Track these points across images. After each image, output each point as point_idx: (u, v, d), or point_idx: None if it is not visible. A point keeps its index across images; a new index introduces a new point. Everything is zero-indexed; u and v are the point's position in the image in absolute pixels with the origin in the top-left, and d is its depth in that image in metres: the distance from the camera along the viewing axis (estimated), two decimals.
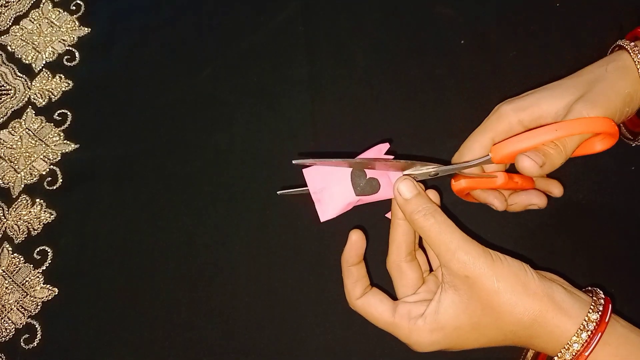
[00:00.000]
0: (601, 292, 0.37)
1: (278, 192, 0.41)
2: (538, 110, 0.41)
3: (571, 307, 0.35)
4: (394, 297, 0.41)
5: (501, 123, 0.42)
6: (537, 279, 0.36)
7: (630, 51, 0.42)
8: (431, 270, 0.43)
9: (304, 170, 0.39)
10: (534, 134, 0.39)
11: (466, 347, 0.38)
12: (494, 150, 0.40)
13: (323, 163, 0.38)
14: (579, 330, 0.34)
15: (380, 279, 0.43)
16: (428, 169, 0.40)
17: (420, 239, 0.43)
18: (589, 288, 0.38)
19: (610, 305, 0.35)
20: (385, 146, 0.40)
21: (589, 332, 0.34)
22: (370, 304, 0.40)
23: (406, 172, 0.40)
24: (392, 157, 0.40)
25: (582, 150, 0.42)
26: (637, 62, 0.41)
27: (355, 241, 0.39)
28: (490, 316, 0.35)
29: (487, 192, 0.45)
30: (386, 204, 0.41)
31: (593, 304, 0.35)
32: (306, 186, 0.39)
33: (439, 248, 0.36)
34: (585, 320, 0.34)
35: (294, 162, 0.36)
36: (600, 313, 0.34)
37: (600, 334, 0.34)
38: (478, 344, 0.37)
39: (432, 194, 0.40)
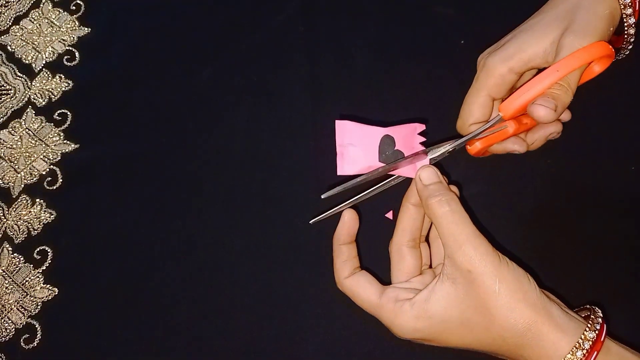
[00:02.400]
0: (599, 310, 0.36)
1: (311, 222, 0.41)
2: (525, 54, 0.41)
3: (566, 325, 0.34)
4: (386, 283, 0.41)
5: (492, 77, 0.42)
6: (538, 291, 0.35)
7: None
8: (431, 267, 0.43)
9: (337, 122, 0.39)
10: (538, 80, 0.39)
11: (449, 343, 0.37)
12: (503, 108, 0.40)
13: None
14: (574, 348, 0.33)
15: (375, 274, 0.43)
16: (445, 149, 0.40)
17: (428, 232, 0.43)
18: (587, 306, 0.38)
19: (604, 327, 0.35)
20: (421, 127, 0.41)
21: (585, 351, 0.33)
22: (358, 284, 0.39)
23: (429, 157, 0.40)
24: (422, 146, 0.40)
25: (583, 79, 0.42)
26: None
27: (348, 220, 0.40)
28: (483, 316, 0.35)
29: (504, 141, 0.45)
30: (387, 203, 0.41)
31: (590, 322, 0.35)
32: (334, 206, 0.40)
33: (448, 237, 0.36)
34: (582, 339, 0.33)
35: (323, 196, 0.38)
36: (596, 332, 0.34)
37: (596, 353, 0.33)
38: (462, 342, 0.36)
39: (452, 188, 0.40)
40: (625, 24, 0.42)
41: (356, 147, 0.39)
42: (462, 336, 0.36)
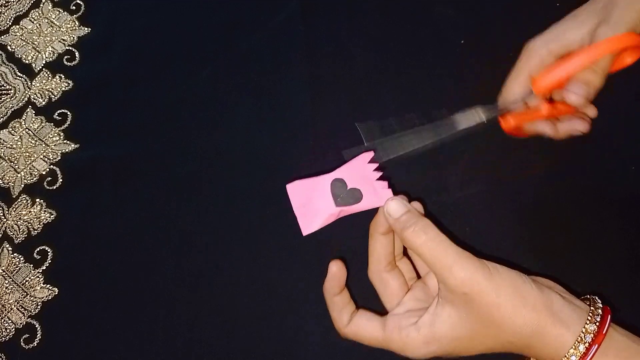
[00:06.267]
0: (599, 301, 0.36)
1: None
2: (565, 39, 0.45)
3: (569, 318, 0.35)
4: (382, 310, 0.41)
5: (533, 58, 0.46)
6: (536, 289, 0.35)
7: None
8: (419, 277, 0.43)
9: (288, 186, 0.39)
10: (570, 61, 0.43)
11: (463, 354, 0.38)
12: (535, 83, 0.43)
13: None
14: (576, 342, 0.34)
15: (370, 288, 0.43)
16: (479, 115, 0.43)
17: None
18: (587, 296, 0.37)
19: (609, 316, 0.35)
20: (369, 154, 0.40)
21: (586, 344, 0.33)
22: (359, 327, 0.39)
23: (458, 123, 0.43)
24: (378, 172, 0.40)
25: (615, 66, 0.45)
26: None
27: (336, 273, 0.40)
28: (489, 328, 0.35)
29: (535, 123, 0.47)
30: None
31: (590, 314, 0.35)
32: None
33: (434, 265, 0.36)
34: (583, 332, 0.34)
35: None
36: (597, 324, 0.34)
37: (597, 346, 0.33)
38: (475, 351, 0.37)
39: (417, 205, 0.40)
40: None
41: (311, 203, 0.39)
42: (473, 347, 0.37)
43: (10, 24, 0.61)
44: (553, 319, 0.34)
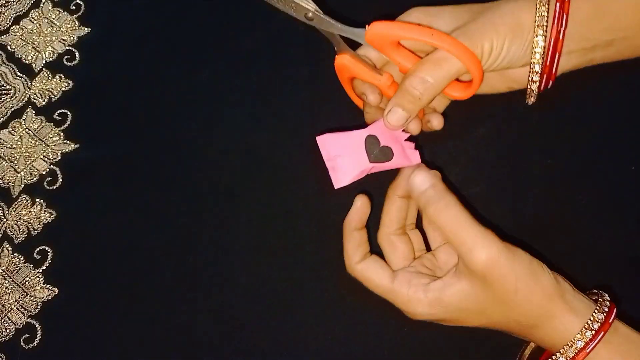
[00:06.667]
0: (607, 295, 0.38)
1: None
2: (436, 23, 0.42)
3: (578, 306, 0.36)
4: None
5: (407, 18, 0.44)
6: (552, 278, 0.36)
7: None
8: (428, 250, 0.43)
9: (318, 138, 0.39)
10: (413, 28, 0.40)
11: (463, 325, 0.38)
12: (370, 27, 0.41)
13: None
14: (584, 329, 0.35)
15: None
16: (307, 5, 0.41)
17: (418, 219, 0.43)
18: (595, 290, 0.38)
19: (614, 308, 0.36)
20: None
21: (593, 331, 0.34)
22: (369, 269, 0.40)
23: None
24: (407, 133, 0.41)
25: (450, 91, 0.42)
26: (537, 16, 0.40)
27: (360, 206, 0.40)
28: (500, 306, 0.36)
29: (365, 84, 0.44)
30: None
31: (599, 305, 0.36)
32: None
33: (456, 243, 0.36)
34: (591, 320, 0.35)
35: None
36: (605, 314, 0.35)
37: (603, 333, 0.35)
38: (477, 324, 0.38)
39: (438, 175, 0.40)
40: (530, 79, 0.42)
41: (344, 157, 0.39)
42: (478, 320, 0.38)
43: (10, 24, 0.61)
44: (564, 306, 0.35)
